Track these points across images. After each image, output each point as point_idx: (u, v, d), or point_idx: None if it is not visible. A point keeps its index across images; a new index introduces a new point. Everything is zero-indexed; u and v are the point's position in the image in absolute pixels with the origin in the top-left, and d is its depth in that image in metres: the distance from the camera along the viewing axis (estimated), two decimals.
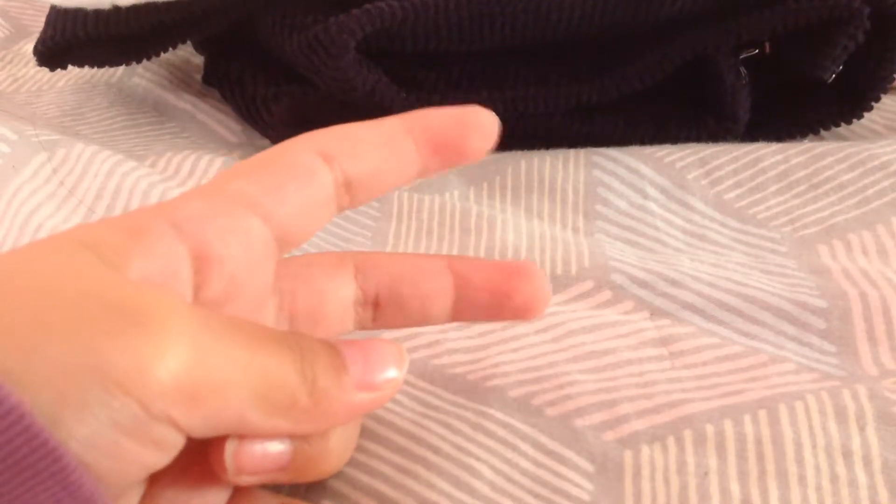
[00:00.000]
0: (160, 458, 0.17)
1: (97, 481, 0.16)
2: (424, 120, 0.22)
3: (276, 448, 0.19)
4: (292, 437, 0.20)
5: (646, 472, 0.24)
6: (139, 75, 0.47)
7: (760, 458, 0.24)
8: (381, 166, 0.22)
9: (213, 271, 0.20)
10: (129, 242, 0.18)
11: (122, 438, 0.16)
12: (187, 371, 0.17)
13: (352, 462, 0.23)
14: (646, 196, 0.36)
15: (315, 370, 0.19)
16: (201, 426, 0.17)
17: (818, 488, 0.23)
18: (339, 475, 0.23)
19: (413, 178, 0.22)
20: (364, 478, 0.23)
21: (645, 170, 0.37)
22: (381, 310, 0.24)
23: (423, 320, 0.24)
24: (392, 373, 0.20)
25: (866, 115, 0.40)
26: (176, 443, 0.17)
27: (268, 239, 0.21)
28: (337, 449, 0.21)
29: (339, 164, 0.21)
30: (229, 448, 0.19)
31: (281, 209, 0.21)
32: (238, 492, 0.21)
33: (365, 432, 0.24)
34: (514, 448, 0.24)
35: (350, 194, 0.22)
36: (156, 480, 0.19)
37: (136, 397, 0.16)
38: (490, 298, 0.24)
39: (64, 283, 0.17)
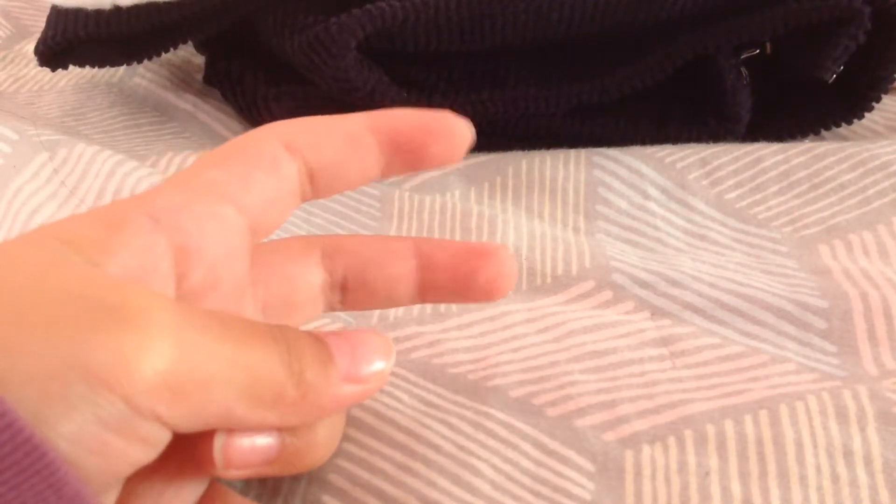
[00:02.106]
0: (146, 454, 0.17)
1: (83, 479, 0.16)
2: (389, 120, 0.22)
3: (264, 441, 0.19)
4: (280, 429, 0.20)
5: (647, 471, 0.24)
6: (140, 75, 0.47)
7: (761, 458, 0.24)
8: (343, 161, 0.22)
9: (193, 262, 0.20)
10: (108, 237, 0.18)
11: (107, 435, 0.16)
12: (172, 367, 0.17)
13: (352, 459, 0.23)
14: (646, 196, 0.36)
15: (302, 363, 0.19)
16: (187, 421, 0.17)
17: (819, 488, 0.23)
18: (339, 471, 0.23)
19: (375, 176, 0.22)
20: (365, 475, 0.23)
21: (646, 170, 0.37)
22: (349, 293, 0.24)
23: (391, 302, 0.24)
24: (379, 364, 0.20)
25: (867, 115, 0.40)
26: (162, 438, 0.17)
27: (242, 228, 0.21)
28: (324, 441, 0.21)
29: (301, 154, 0.21)
30: (218, 442, 0.19)
31: (250, 198, 0.21)
32: (209, 492, 0.21)
33: (366, 429, 0.24)
34: (515, 447, 0.24)
35: (313, 186, 0.22)
36: (132, 474, 0.19)
37: (120, 394, 0.16)
38: (452, 278, 0.23)
39: (44, 282, 0.17)
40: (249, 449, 0.19)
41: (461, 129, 0.22)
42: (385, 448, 0.23)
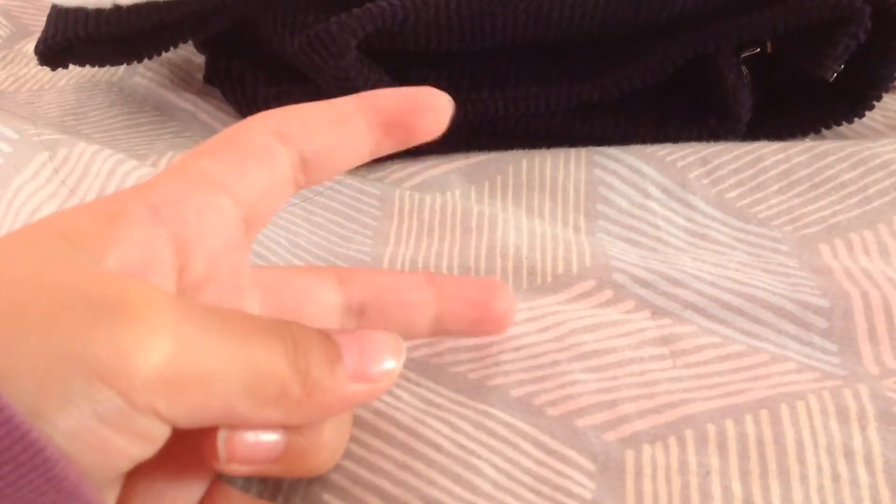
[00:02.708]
0: (146, 450, 0.17)
1: (82, 473, 0.16)
2: (376, 100, 0.22)
3: (269, 437, 0.19)
4: (285, 428, 0.20)
5: (647, 471, 0.24)
6: (140, 74, 0.47)
7: (762, 457, 0.24)
8: (335, 145, 0.22)
9: (194, 253, 0.20)
10: (107, 230, 0.18)
11: (106, 430, 0.16)
12: (170, 362, 0.17)
13: (353, 457, 0.23)
14: (647, 195, 0.36)
15: (308, 360, 0.19)
16: (187, 417, 0.17)
17: (820, 487, 0.23)
18: (340, 470, 0.23)
19: (366, 156, 0.23)
20: (365, 473, 0.23)
21: (646, 169, 0.37)
22: (365, 319, 0.24)
23: (407, 330, 0.24)
24: (389, 364, 0.20)
25: (868, 113, 0.40)
26: (161, 434, 0.17)
27: (238, 218, 0.21)
28: (330, 443, 0.21)
29: (294, 142, 0.21)
30: (221, 435, 0.19)
31: (244, 188, 0.21)
32: (212, 490, 0.21)
33: (366, 427, 0.24)
34: (515, 447, 0.24)
35: (305, 173, 0.22)
36: (133, 471, 0.19)
37: (118, 389, 0.16)
38: (471, 308, 0.25)
39: (42, 277, 0.17)
40: (254, 444, 0.19)
41: (444, 101, 0.23)
42: (386, 447, 0.23)
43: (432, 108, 0.23)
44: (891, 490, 0.23)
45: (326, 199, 0.36)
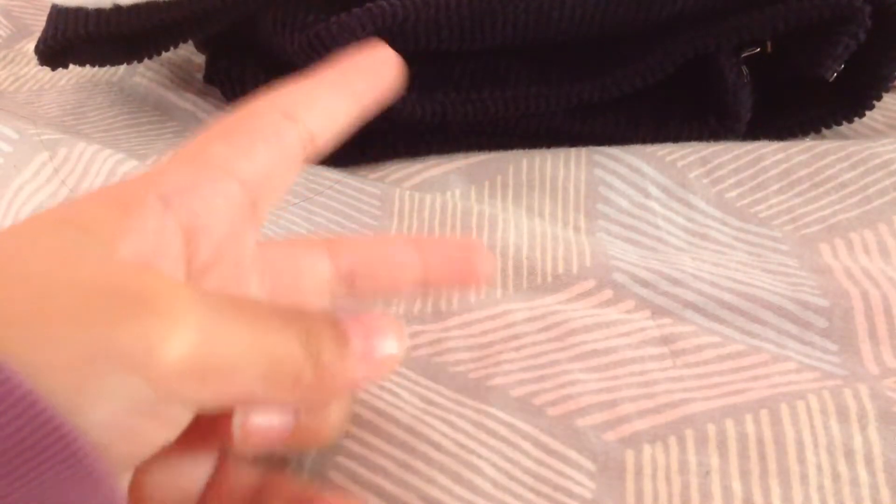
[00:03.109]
0: (169, 435, 0.18)
1: (109, 464, 0.16)
2: (353, 63, 0.24)
3: (281, 419, 0.20)
4: (296, 408, 0.20)
5: (647, 471, 0.24)
6: (140, 74, 0.47)
7: (762, 457, 0.24)
8: (338, 111, 0.23)
9: (202, 241, 0.20)
10: (120, 220, 0.19)
11: (137, 420, 0.17)
12: (195, 352, 0.17)
13: (353, 456, 0.23)
14: (647, 195, 0.36)
15: (320, 344, 0.19)
16: (211, 403, 0.18)
17: (820, 487, 0.23)
18: (339, 469, 0.23)
19: (361, 113, 0.24)
20: (365, 473, 0.23)
21: (646, 168, 0.37)
22: (355, 281, 0.25)
23: (395, 291, 0.25)
24: (392, 347, 0.21)
25: (868, 113, 0.40)
26: (185, 419, 0.18)
27: (245, 202, 0.21)
28: (335, 420, 0.21)
29: (301, 119, 0.22)
30: (237, 419, 0.19)
31: (253, 171, 0.21)
32: (221, 463, 0.22)
33: (366, 426, 0.24)
34: (515, 447, 0.24)
35: (313, 144, 0.23)
36: None
37: (148, 379, 0.16)
38: (454, 268, 0.25)
39: (62, 271, 0.17)
40: (267, 426, 0.20)
41: (392, 56, 0.25)
42: (385, 446, 0.23)
43: (386, 63, 0.24)
44: (891, 490, 0.23)
45: (326, 199, 0.36)
